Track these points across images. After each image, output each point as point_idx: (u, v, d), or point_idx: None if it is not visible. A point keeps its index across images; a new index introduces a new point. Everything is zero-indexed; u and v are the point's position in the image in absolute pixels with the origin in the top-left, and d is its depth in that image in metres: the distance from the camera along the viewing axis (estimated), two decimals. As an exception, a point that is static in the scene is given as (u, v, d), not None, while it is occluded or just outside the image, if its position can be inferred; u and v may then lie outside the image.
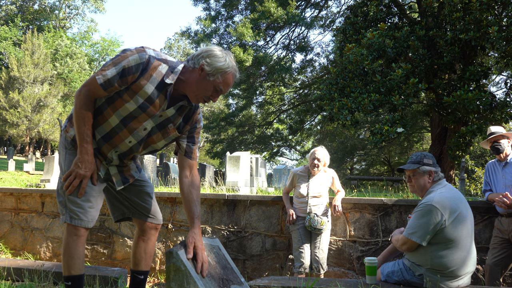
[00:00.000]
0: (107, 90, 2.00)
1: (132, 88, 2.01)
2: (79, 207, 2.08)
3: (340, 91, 8.94)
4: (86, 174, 2.05)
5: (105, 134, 2.13)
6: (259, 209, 4.70)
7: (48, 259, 5.31)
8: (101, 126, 2.11)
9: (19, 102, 27.47)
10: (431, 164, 2.91)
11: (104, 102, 2.07)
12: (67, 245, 2.16)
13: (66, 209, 2.08)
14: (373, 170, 29.33)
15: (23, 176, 18.11)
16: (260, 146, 23.84)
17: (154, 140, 2.18)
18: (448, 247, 2.69)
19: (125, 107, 2.04)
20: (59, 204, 2.13)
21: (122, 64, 1.96)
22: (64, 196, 2.08)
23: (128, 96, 2.02)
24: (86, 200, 2.11)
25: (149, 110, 2.05)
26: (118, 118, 2.07)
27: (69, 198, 2.07)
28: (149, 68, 1.98)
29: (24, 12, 39.39)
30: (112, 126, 2.10)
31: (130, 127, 2.09)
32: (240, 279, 2.23)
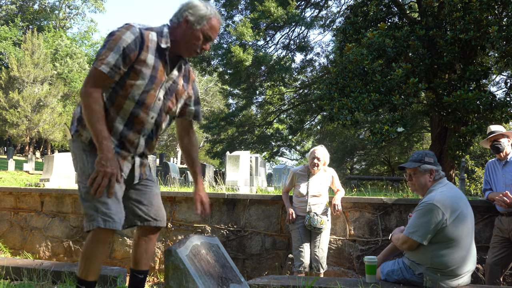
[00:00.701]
0: (115, 76, 1.98)
1: (136, 66, 2.01)
2: (110, 208, 1.99)
3: (340, 91, 8.93)
4: (114, 172, 1.98)
5: (126, 122, 2.08)
6: (259, 208, 4.69)
7: (47, 258, 5.30)
8: (119, 117, 2.07)
9: (19, 102, 27.46)
10: (432, 162, 2.89)
11: (112, 92, 2.04)
12: (93, 251, 2.03)
13: (97, 213, 1.97)
14: (373, 170, 29.32)
15: (22, 176, 18.10)
16: (260, 146, 23.81)
17: (170, 107, 2.20)
18: (448, 246, 2.68)
19: (137, 86, 2.03)
20: (87, 209, 2.00)
21: (121, 46, 1.96)
22: (93, 199, 1.98)
23: (135, 74, 2.02)
24: (117, 201, 2.03)
25: (157, 80, 2.07)
26: (133, 100, 2.05)
27: (100, 200, 1.97)
28: (144, 40, 2.01)
29: (24, 12, 39.38)
30: (130, 110, 2.06)
31: (147, 104, 2.08)
32: (239, 278, 2.22)
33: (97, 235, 2.00)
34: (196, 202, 2.32)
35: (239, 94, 21.48)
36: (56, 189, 5.72)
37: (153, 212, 2.27)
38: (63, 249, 5.29)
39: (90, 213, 1.98)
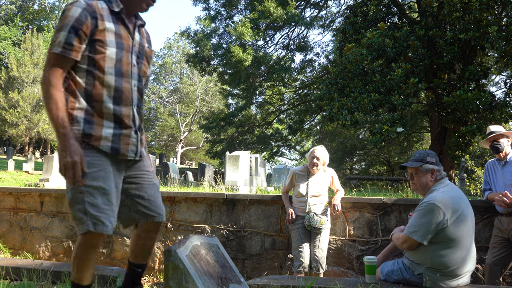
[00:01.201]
0: (72, 54, 1.91)
1: (98, 37, 1.95)
2: (101, 211, 1.91)
3: (339, 91, 8.93)
4: (75, 159, 1.83)
5: (114, 98, 2.00)
6: (259, 209, 4.69)
7: (47, 259, 5.30)
8: (106, 96, 1.98)
9: (19, 102, 27.46)
10: (434, 162, 2.89)
11: (87, 75, 1.97)
12: (84, 255, 1.98)
13: (86, 216, 1.89)
14: (373, 170, 29.33)
15: (22, 176, 18.09)
16: (259, 146, 23.81)
17: (145, 71, 2.17)
18: (449, 246, 2.68)
19: (109, 58, 1.97)
20: (76, 213, 1.92)
21: (69, 23, 1.90)
22: (83, 202, 1.90)
23: (101, 46, 1.96)
24: (108, 202, 1.94)
25: (125, 45, 2.03)
26: (111, 73, 1.99)
27: (90, 202, 1.90)
28: (95, 10, 1.96)
29: (24, 12, 39.36)
30: (114, 85, 1.99)
31: (124, 72, 2.03)
32: (239, 278, 2.22)
33: (87, 239, 1.93)
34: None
35: (239, 94, 21.48)
36: (55, 189, 5.72)
37: (156, 206, 2.17)
38: (63, 249, 5.29)
39: (80, 216, 1.91)
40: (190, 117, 39.15)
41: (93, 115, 1.95)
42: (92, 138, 1.94)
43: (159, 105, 42.15)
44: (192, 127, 39.03)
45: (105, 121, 1.97)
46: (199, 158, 40.84)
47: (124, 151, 2.03)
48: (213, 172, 14.39)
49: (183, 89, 40.26)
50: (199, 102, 37.84)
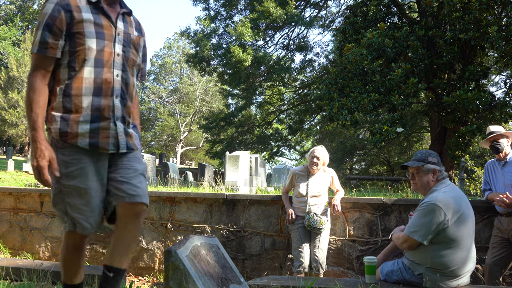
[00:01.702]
0: (48, 52, 1.88)
1: (76, 30, 1.90)
2: (79, 212, 1.91)
3: (339, 91, 8.94)
4: (41, 164, 1.82)
5: (94, 90, 1.94)
6: (259, 209, 4.69)
7: (47, 259, 5.30)
8: (85, 89, 1.92)
9: (18, 102, 27.45)
10: (436, 162, 2.90)
11: (70, 68, 1.93)
12: (67, 257, 2.02)
13: (67, 216, 1.92)
14: (373, 170, 29.34)
15: (22, 176, 18.08)
16: (259, 146, 23.82)
17: (134, 59, 2.11)
18: (449, 246, 2.68)
19: (89, 49, 1.92)
20: (58, 212, 1.95)
21: (43, 20, 1.87)
22: (63, 202, 1.91)
23: (80, 38, 1.91)
24: (87, 203, 1.93)
25: (106, 35, 1.98)
26: (91, 64, 1.93)
27: (69, 203, 1.90)
28: (68, 2, 1.91)
29: (24, 12, 39.36)
30: (93, 76, 1.94)
31: (105, 62, 1.97)
32: (239, 278, 2.22)
33: (69, 239, 1.97)
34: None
35: (239, 94, 21.49)
36: (55, 189, 5.71)
37: (130, 186, 1.99)
38: (63, 249, 5.28)
39: (61, 216, 1.95)
40: (190, 117, 39.15)
41: (71, 111, 1.91)
42: (68, 135, 1.90)
43: (159, 105, 42.15)
44: (192, 127, 39.03)
45: (83, 116, 1.92)
46: (199, 158, 40.85)
47: (104, 145, 1.96)
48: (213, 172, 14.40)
49: (183, 89, 40.26)
50: (199, 102, 37.85)
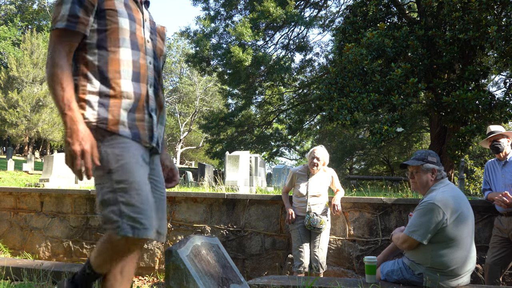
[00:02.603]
0: (78, 27, 1.64)
1: (107, 7, 1.71)
2: (140, 212, 1.59)
3: (339, 90, 8.94)
4: (85, 147, 1.54)
5: (132, 74, 1.73)
6: (259, 209, 4.69)
7: (47, 259, 5.30)
8: (122, 71, 1.70)
9: (18, 102, 27.45)
10: (435, 162, 2.91)
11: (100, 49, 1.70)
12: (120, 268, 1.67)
13: (122, 219, 1.57)
14: (373, 170, 29.36)
15: (22, 176, 18.08)
16: (259, 146, 23.84)
17: (161, 48, 1.94)
18: (449, 246, 2.69)
19: (122, 29, 1.72)
20: (110, 215, 1.59)
21: None
22: (116, 202, 1.58)
23: (113, 15, 1.71)
24: (146, 200, 1.62)
25: (136, 18, 1.81)
26: (128, 45, 1.74)
27: (125, 202, 1.58)
28: None
29: (23, 12, 39.36)
30: (130, 59, 1.74)
31: (141, 46, 1.79)
32: (239, 278, 2.22)
33: (124, 244, 1.61)
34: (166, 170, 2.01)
35: (239, 94, 21.50)
36: (55, 189, 5.72)
37: (163, 225, 1.82)
38: (63, 249, 5.29)
39: (114, 219, 1.58)
40: (190, 117, 39.15)
41: (109, 96, 1.67)
42: (109, 122, 1.65)
43: (158, 105, 42.07)
44: (191, 127, 39.04)
45: (123, 103, 1.69)
46: (199, 158, 40.86)
47: (144, 137, 1.75)
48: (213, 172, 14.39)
49: (182, 89, 40.26)
50: (198, 102, 37.85)
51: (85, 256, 5.17)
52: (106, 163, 1.63)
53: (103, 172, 1.63)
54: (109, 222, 1.60)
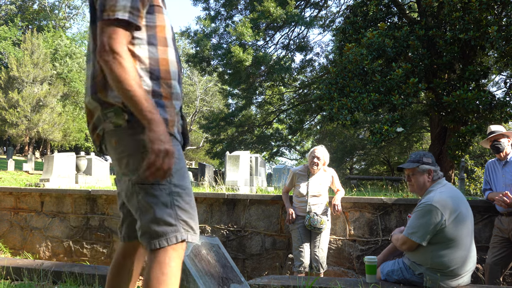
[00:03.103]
0: (139, 21, 1.50)
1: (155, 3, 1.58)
2: (191, 217, 1.54)
3: (339, 90, 8.94)
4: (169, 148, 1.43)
5: (177, 75, 1.65)
6: (259, 208, 4.69)
7: (47, 258, 5.31)
8: (172, 71, 1.61)
9: (19, 102, 27.46)
10: (431, 163, 2.91)
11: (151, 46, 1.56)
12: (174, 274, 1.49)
13: (179, 223, 1.50)
14: (373, 170, 29.34)
15: (22, 176, 18.09)
16: (259, 146, 23.84)
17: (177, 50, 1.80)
18: (448, 246, 2.69)
19: (167, 27, 1.62)
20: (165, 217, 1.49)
21: None
22: (172, 206, 1.50)
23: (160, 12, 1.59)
24: (194, 206, 1.58)
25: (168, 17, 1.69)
26: (171, 45, 1.62)
27: (180, 207, 1.51)
28: None
29: (24, 12, 39.37)
30: (175, 59, 1.64)
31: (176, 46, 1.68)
32: (240, 278, 2.22)
33: (176, 251, 1.50)
34: None
35: (239, 94, 21.50)
36: (56, 189, 5.73)
37: None
38: (63, 249, 5.29)
39: (170, 222, 1.49)
40: (190, 117, 39.16)
41: (162, 96, 1.55)
42: (168, 123, 1.54)
43: (159, 105, 42.10)
44: (192, 127, 39.04)
45: (175, 104, 1.60)
46: (199, 158, 40.85)
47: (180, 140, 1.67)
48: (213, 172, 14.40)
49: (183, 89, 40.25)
50: (199, 102, 37.86)
51: (85, 256, 5.17)
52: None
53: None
54: (163, 223, 1.48)
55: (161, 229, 1.49)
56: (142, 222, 1.51)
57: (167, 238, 1.49)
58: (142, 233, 1.51)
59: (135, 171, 1.50)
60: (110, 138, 1.55)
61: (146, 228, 1.50)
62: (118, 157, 1.55)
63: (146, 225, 1.50)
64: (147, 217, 1.50)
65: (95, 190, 5.27)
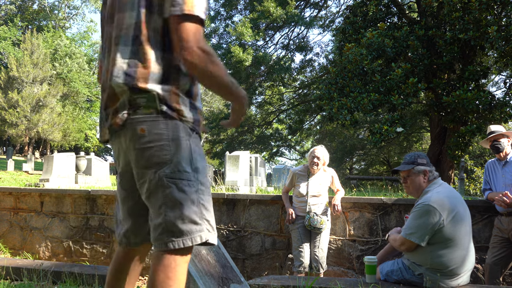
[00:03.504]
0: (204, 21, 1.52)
1: None
2: (212, 216, 1.50)
3: (339, 91, 8.95)
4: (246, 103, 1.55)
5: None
6: (259, 208, 4.69)
7: (47, 259, 5.30)
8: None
9: (18, 102, 27.45)
10: (425, 163, 2.91)
11: None
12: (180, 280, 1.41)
13: (203, 222, 1.44)
14: (373, 170, 29.34)
15: (22, 176, 18.08)
16: (259, 146, 23.86)
17: None
18: (447, 246, 2.69)
19: None
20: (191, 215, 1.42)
21: None
22: (198, 205, 1.44)
23: None
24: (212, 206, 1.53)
25: None
26: None
27: (204, 206, 1.46)
28: None
29: (24, 12, 39.36)
30: None
31: None
32: (239, 278, 2.22)
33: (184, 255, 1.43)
34: None
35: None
36: (56, 189, 5.72)
37: None
38: (63, 249, 5.29)
39: (196, 220, 1.42)
40: (190, 117, 39.12)
41: (191, 95, 1.53)
42: (200, 123, 1.54)
43: (158, 105, 42.10)
44: (191, 127, 38.99)
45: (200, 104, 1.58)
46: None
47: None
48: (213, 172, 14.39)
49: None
50: (198, 102, 37.81)
51: (85, 256, 5.17)
52: (195, 161, 1.48)
53: (191, 169, 1.46)
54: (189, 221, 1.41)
55: (187, 227, 1.40)
56: (167, 218, 1.40)
57: (192, 237, 1.41)
58: (164, 230, 1.40)
59: (164, 164, 1.41)
60: (136, 125, 1.43)
61: (171, 226, 1.40)
62: (142, 147, 1.43)
63: (171, 222, 1.40)
64: (174, 214, 1.40)
65: (95, 190, 5.27)
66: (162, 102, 1.42)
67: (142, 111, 1.43)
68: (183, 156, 1.44)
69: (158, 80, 1.43)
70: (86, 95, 36.29)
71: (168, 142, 1.43)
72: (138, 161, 1.45)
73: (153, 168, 1.42)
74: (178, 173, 1.42)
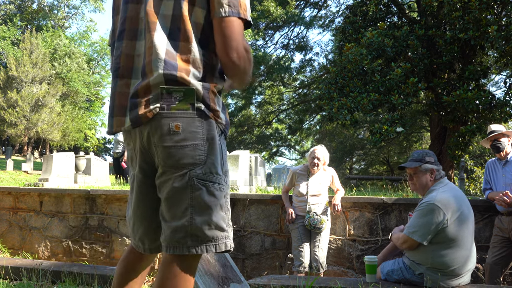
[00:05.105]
0: None
1: None
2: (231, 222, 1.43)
3: (339, 90, 8.94)
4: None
5: None
6: (259, 208, 4.68)
7: (46, 258, 5.29)
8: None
9: (18, 102, 27.41)
10: (433, 162, 2.89)
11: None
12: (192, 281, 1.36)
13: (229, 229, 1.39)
14: (372, 170, 29.35)
15: (21, 176, 18.06)
16: (259, 146, 23.86)
17: None
18: (449, 246, 2.68)
19: None
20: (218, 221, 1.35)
21: None
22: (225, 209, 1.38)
23: None
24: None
25: None
26: None
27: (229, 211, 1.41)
28: None
29: (23, 12, 39.33)
30: None
31: None
32: (239, 277, 2.21)
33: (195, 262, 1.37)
34: None
35: (238, 94, 21.49)
36: (55, 189, 5.71)
37: None
38: (62, 249, 5.28)
39: (222, 227, 1.36)
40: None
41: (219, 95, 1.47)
42: (229, 127, 1.48)
43: (158, 105, 42.04)
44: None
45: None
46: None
47: None
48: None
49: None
50: (198, 102, 37.78)
51: (84, 256, 5.16)
52: (226, 163, 1.42)
53: (222, 171, 1.39)
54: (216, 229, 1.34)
55: (212, 233, 1.33)
56: (192, 221, 1.31)
57: (217, 244, 1.34)
58: (188, 234, 1.31)
59: (197, 165, 1.32)
60: (170, 121, 1.32)
61: (196, 230, 1.31)
62: (174, 145, 1.32)
63: (197, 226, 1.31)
64: (202, 218, 1.32)
65: (94, 190, 5.26)
66: (200, 99, 1.35)
67: (177, 106, 1.32)
68: (217, 158, 1.36)
69: (198, 76, 1.36)
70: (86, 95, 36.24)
71: (202, 142, 1.34)
72: (166, 159, 1.34)
73: (184, 168, 1.32)
74: (210, 175, 1.34)
